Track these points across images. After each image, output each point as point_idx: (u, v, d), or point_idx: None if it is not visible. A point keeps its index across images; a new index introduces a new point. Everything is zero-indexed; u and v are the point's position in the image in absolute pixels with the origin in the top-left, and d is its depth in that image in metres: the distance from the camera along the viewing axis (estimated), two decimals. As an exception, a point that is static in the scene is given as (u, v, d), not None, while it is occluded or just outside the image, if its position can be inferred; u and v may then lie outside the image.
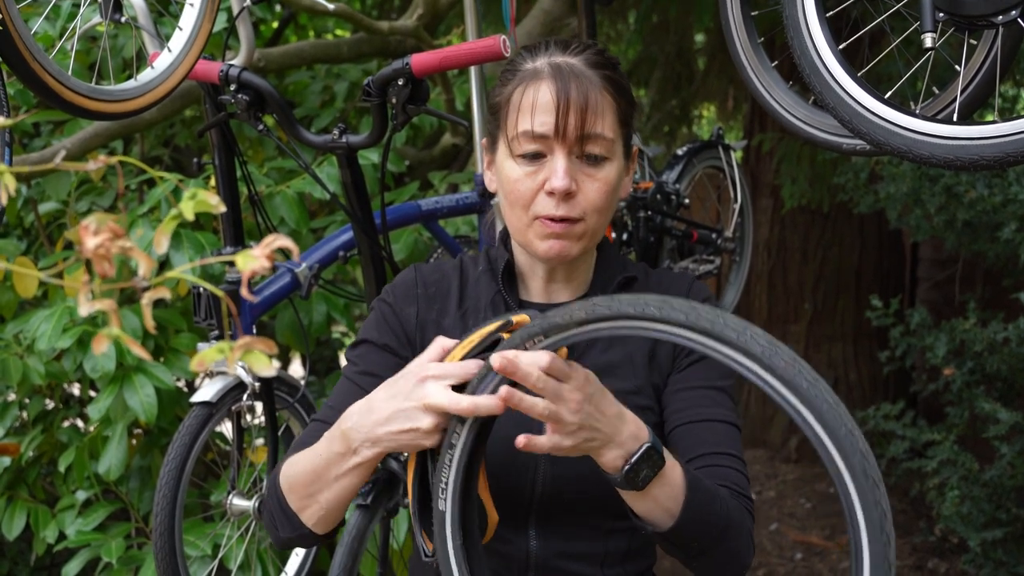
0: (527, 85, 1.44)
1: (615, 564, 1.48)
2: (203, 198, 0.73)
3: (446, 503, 1.25)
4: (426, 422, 1.24)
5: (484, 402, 1.21)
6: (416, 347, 1.52)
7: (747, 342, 1.05)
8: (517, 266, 1.57)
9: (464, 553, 1.26)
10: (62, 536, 2.85)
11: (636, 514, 1.31)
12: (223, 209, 0.72)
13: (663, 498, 1.26)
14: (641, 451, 1.23)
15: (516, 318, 1.26)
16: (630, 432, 1.23)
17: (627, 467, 1.22)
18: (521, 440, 1.21)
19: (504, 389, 1.19)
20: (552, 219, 1.43)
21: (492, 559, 1.46)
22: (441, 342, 1.31)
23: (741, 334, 1.05)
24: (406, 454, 1.41)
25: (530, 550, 1.45)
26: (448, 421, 1.25)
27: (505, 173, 1.47)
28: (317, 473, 1.36)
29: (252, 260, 0.66)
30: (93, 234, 0.66)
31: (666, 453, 1.27)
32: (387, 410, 1.26)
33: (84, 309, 0.66)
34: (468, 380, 1.24)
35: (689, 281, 1.58)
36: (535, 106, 1.42)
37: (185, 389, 3.15)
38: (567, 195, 1.42)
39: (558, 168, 1.41)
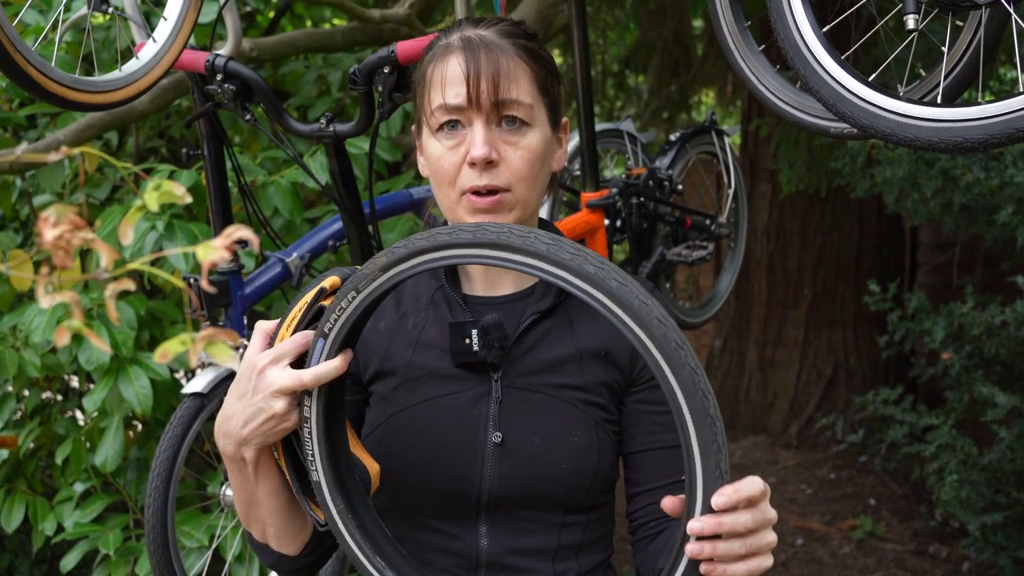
0: (438, 61, 1.44)
1: (568, 558, 1.45)
2: (167, 189, 0.73)
3: (319, 473, 1.29)
4: (279, 406, 1.25)
5: (325, 369, 1.24)
6: (359, 359, 1.51)
7: (532, 244, 1.09)
8: None
9: (350, 513, 1.29)
10: (60, 528, 2.85)
11: None
12: (188, 200, 0.72)
13: None
14: None
15: (328, 283, 1.28)
16: None
17: None
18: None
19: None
20: (478, 192, 1.42)
21: (441, 556, 1.43)
22: (260, 327, 1.31)
23: (526, 238, 1.10)
24: None
25: (480, 548, 1.42)
26: (299, 398, 1.28)
27: (428, 151, 1.46)
28: (241, 498, 1.39)
29: (212, 251, 0.66)
30: (52, 226, 0.66)
31: None
32: (241, 410, 1.28)
33: (45, 301, 0.66)
34: (302, 353, 1.27)
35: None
36: (446, 79, 1.41)
37: (182, 380, 3.15)
38: (489, 164, 1.40)
39: (476, 138, 1.40)
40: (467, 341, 1.42)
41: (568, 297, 1.50)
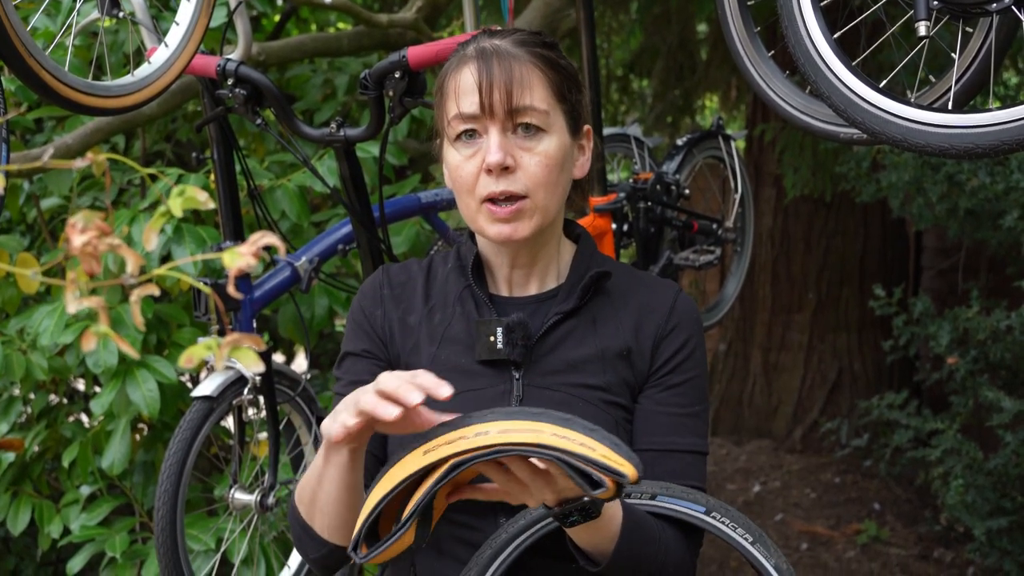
0: (453, 72, 1.46)
1: None
2: (191, 195, 0.74)
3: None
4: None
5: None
6: (388, 348, 1.53)
7: None
8: (484, 259, 1.57)
9: None
10: (67, 531, 2.86)
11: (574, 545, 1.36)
12: (211, 206, 0.72)
13: (590, 539, 1.33)
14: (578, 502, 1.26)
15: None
16: None
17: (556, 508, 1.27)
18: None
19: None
20: (495, 201, 1.43)
21: (460, 547, 1.45)
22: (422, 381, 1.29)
23: None
24: None
25: None
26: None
27: (448, 161, 1.49)
28: (317, 478, 1.38)
29: (239, 257, 0.66)
30: (80, 232, 0.67)
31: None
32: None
33: (72, 307, 0.67)
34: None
35: (675, 293, 1.55)
36: (460, 88, 1.44)
37: (188, 384, 3.16)
38: (505, 169, 1.42)
39: (492, 144, 1.42)
40: (491, 339, 1.45)
41: (592, 298, 1.52)
